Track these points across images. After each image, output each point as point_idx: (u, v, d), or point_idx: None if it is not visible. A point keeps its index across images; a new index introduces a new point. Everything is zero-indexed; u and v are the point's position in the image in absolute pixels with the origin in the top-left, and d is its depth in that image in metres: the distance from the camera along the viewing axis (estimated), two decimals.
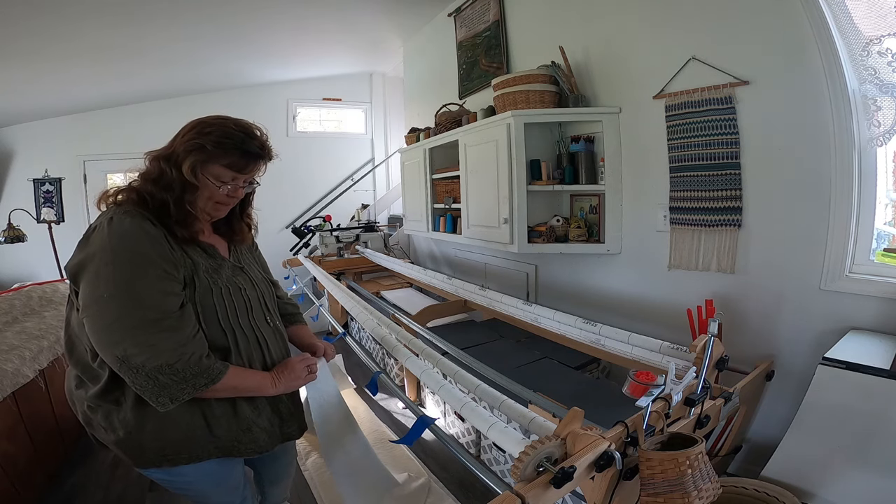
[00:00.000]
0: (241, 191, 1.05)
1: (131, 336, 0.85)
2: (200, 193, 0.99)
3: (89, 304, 0.87)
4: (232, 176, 1.00)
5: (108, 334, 0.85)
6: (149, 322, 0.86)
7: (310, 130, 5.30)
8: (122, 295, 0.86)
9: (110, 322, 0.85)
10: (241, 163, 1.00)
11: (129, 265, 0.88)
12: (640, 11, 2.00)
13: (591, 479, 0.88)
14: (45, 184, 4.47)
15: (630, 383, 1.12)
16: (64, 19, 2.65)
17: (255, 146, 1.01)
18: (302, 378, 1.11)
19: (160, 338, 0.87)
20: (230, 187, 1.01)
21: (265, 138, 1.05)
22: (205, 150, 0.95)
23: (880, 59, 1.37)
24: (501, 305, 2.28)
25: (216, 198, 1.02)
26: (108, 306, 0.86)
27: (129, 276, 0.87)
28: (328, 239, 3.95)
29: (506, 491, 0.77)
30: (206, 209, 1.03)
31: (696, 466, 0.86)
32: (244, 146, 0.99)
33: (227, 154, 0.97)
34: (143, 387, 0.86)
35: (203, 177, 0.97)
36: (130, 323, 0.85)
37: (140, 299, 0.87)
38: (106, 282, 0.86)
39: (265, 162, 1.07)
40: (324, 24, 3.48)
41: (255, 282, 1.13)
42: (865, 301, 1.45)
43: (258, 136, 1.03)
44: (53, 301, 2.37)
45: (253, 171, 1.04)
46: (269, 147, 1.06)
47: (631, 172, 2.14)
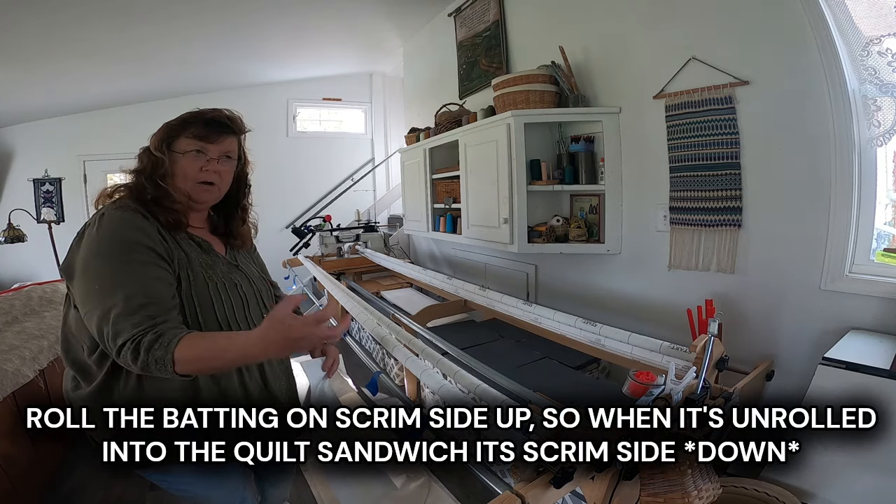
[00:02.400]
0: (217, 166, 1.02)
1: (130, 324, 0.83)
2: (175, 170, 0.99)
3: (85, 300, 0.87)
4: (198, 146, 1.00)
5: (108, 326, 0.83)
6: (136, 307, 0.84)
7: (310, 130, 5.30)
8: (111, 284, 0.85)
9: (104, 313, 0.84)
10: (203, 131, 1.00)
11: (116, 253, 0.88)
12: (640, 11, 2.00)
13: (591, 479, 0.88)
14: (45, 184, 4.47)
15: (630, 383, 1.12)
16: (65, 20, 2.65)
17: (220, 116, 1.02)
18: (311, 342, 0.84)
19: (121, 327, 0.83)
20: (203, 160, 1.01)
21: (234, 114, 1.06)
22: (171, 127, 1.00)
23: (880, 59, 1.37)
24: (501, 305, 2.28)
25: (191, 174, 1.00)
26: (101, 298, 0.85)
27: (115, 264, 0.87)
28: (328, 239, 3.95)
29: (506, 491, 0.77)
30: (187, 189, 1.01)
31: (696, 466, 0.86)
32: (206, 116, 1.01)
33: (190, 125, 1.00)
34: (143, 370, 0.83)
35: (170, 152, 0.99)
36: (125, 310, 0.83)
37: (125, 286, 0.85)
38: (96, 274, 0.87)
39: (235, 135, 1.06)
40: (324, 24, 3.48)
41: (252, 279, 1.13)
42: (865, 301, 1.45)
43: (224, 111, 1.04)
44: (53, 301, 2.37)
45: (221, 142, 1.02)
46: (238, 120, 1.06)
47: (631, 172, 2.14)
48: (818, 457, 1.22)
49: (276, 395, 1.11)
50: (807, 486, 1.20)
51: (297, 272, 3.72)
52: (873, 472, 1.13)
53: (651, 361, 1.52)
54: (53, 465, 1.88)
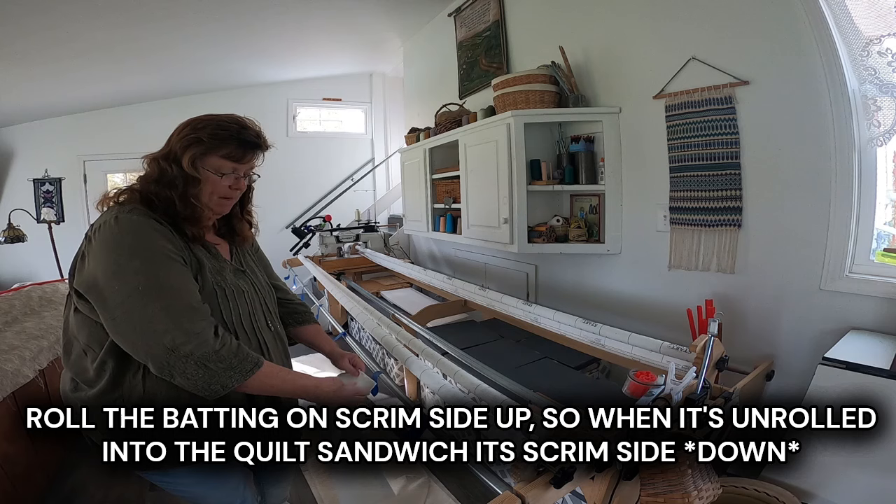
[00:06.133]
0: (243, 182, 1.05)
1: (177, 324, 0.83)
2: (203, 188, 0.98)
3: (123, 299, 0.85)
4: (232, 167, 1.01)
5: (152, 324, 0.84)
6: (190, 310, 0.86)
7: (310, 130, 5.30)
8: (157, 285, 0.85)
9: (153, 313, 0.84)
10: (238, 152, 1.00)
11: (153, 256, 0.88)
12: (640, 11, 2.00)
13: (591, 479, 0.88)
14: (45, 184, 4.47)
15: (630, 383, 1.12)
16: (64, 19, 2.65)
17: (251, 135, 1.02)
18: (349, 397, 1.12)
19: (202, 325, 0.87)
20: (232, 179, 1.01)
21: (258, 128, 1.05)
22: (202, 143, 0.96)
23: (880, 59, 1.37)
24: (501, 305, 2.28)
25: (219, 191, 1.01)
26: (146, 297, 0.84)
27: (157, 267, 0.87)
28: (328, 239, 3.95)
29: (506, 491, 0.78)
30: (211, 205, 1.02)
31: (696, 466, 0.86)
32: (240, 136, 1.00)
33: (224, 145, 0.98)
34: (194, 376, 0.85)
35: (203, 170, 0.97)
36: (174, 312, 0.84)
37: (175, 288, 0.87)
38: (135, 274, 0.85)
39: (262, 151, 1.07)
40: (324, 24, 3.48)
41: (258, 285, 1.13)
42: (865, 301, 1.45)
43: (252, 127, 1.03)
44: (53, 301, 2.37)
45: (251, 160, 1.05)
46: (265, 137, 1.07)
47: (631, 172, 2.14)
48: (818, 457, 1.22)
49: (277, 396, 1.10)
50: (807, 486, 1.20)
51: (297, 272, 3.72)
52: (873, 472, 1.13)
53: (651, 361, 1.52)
54: (53, 465, 1.88)
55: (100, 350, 0.92)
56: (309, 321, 1.33)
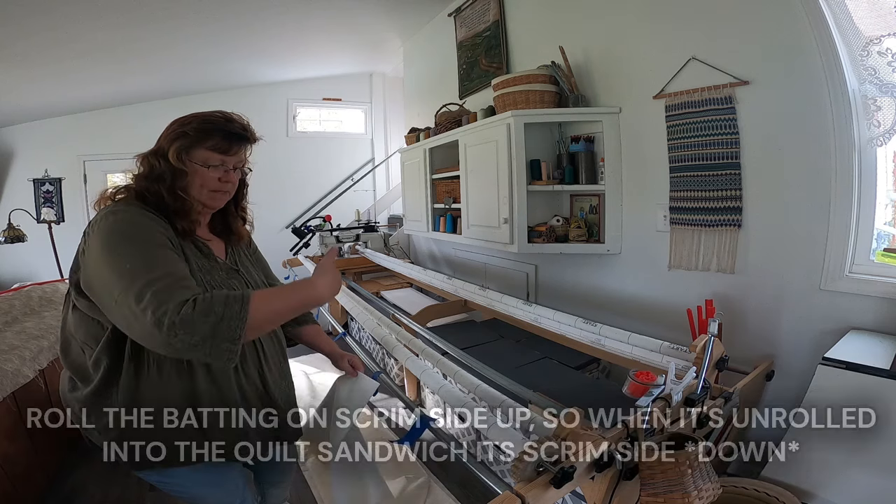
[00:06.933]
0: (233, 175, 1.05)
1: (168, 295, 0.81)
2: (191, 180, 0.99)
3: (117, 280, 0.84)
4: (219, 159, 1.01)
5: (140, 304, 0.81)
6: (179, 279, 0.86)
7: (310, 130, 5.30)
8: (146, 262, 0.85)
9: (142, 287, 0.82)
10: (224, 144, 1.00)
11: (143, 238, 0.89)
12: (639, 11, 2.00)
13: (591, 479, 0.88)
14: (45, 184, 4.47)
15: (630, 383, 1.12)
16: (66, 20, 2.65)
17: (237, 128, 1.02)
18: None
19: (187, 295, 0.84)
20: (221, 171, 1.01)
21: (246, 122, 1.06)
22: (188, 136, 0.97)
23: (880, 59, 1.37)
24: (501, 305, 2.28)
25: (208, 184, 1.01)
26: (137, 274, 0.83)
27: (145, 248, 0.88)
28: (328, 239, 3.95)
29: (506, 491, 0.78)
30: (201, 198, 1.02)
31: (696, 466, 0.86)
32: (226, 128, 1.00)
33: (209, 136, 0.99)
34: (200, 344, 0.81)
35: (191, 162, 0.98)
36: (164, 284, 0.83)
37: (165, 263, 0.87)
38: (125, 257, 0.86)
39: (250, 144, 1.07)
40: (324, 24, 3.48)
41: (252, 285, 1.12)
42: (865, 301, 1.45)
43: (238, 120, 1.04)
44: (53, 301, 2.37)
45: (238, 152, 1.04)
46: (252, 129, 1.07)
47: (631, 172, 2.14)
48: (818, 457, 1.22)
49: (276, 397, 1.10)
50: (807, 486, 1.20)
51: (297, 272, 3.72)
52: (873, 472, 1.13)
53: (651, 361, 1.52)
54: (53, 465, 1.88)
55: (95, 347, 0.92)
56: (309, 321, 1.33)
